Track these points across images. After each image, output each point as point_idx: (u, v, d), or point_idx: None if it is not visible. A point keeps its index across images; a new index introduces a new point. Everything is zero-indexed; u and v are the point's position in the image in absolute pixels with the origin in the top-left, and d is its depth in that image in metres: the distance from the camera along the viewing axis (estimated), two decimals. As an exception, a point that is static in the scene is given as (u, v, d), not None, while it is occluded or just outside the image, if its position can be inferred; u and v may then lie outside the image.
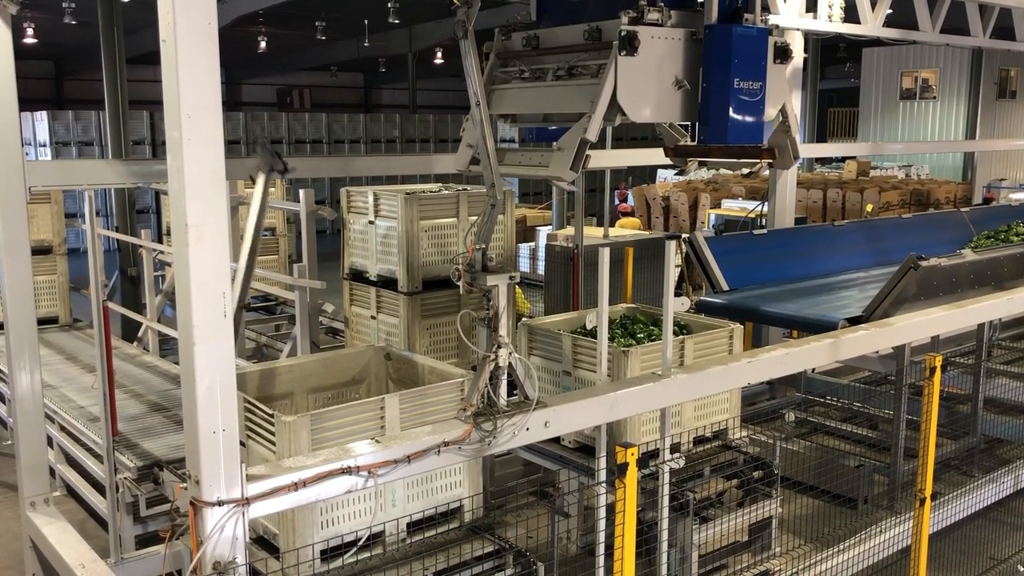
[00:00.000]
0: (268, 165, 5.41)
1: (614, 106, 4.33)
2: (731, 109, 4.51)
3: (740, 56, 4.52)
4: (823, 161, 25.40)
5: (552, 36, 4.87)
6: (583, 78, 4.53)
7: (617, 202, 20.12)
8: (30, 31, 20.68)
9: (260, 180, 5.40)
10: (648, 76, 4.47)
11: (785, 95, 4.90)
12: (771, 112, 4.77)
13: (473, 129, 4.50)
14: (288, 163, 5.53)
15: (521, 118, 5.09)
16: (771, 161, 5.13)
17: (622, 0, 4.83)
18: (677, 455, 5.06)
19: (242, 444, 4.02)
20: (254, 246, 5.17)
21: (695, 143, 4.77)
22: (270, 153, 5.49)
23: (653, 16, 4.47)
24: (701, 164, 5.08)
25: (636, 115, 4.47)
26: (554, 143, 4.53)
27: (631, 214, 19.76)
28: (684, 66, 4.53)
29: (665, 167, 25.15)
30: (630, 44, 4.34)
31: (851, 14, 8.79)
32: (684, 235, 6.91)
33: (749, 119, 4.60)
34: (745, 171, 5.26)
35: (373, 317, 6.63)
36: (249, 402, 4.35)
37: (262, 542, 4.42)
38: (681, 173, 5.03)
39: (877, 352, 6.32)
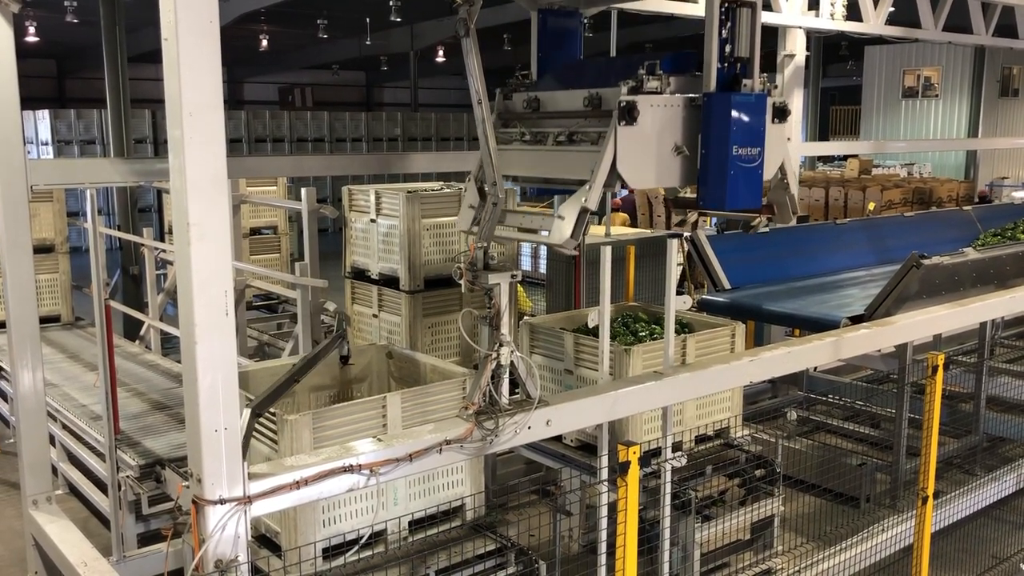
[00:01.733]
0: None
1: (614, 174, 4.41)
2: (730, 176, 4.57)
3: (738, 124, 4.59)
4: (825, 159, 25.37)
5: (552, 100, 4.95)
6: (583, 144, 4.61)
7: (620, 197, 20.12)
8: (32, 30, 20.69)
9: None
10: (647, 144, 4.55)
11: (784, 153, 5.01)
12: (769, 173, 4.87)
13: (474, 189, 4.57)
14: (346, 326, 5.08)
15: (522, 178, 5.16)
16: (769, 217, 5.26)
17: (621, 66, 4.92)
18: (679, 453, 5.06)
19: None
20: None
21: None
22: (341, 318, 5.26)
23: (652, 84, 4.55)
24: (701, 215, 5.11)
25: (636, 183, 4.57)
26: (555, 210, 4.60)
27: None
28: (683, 132, 4.60)
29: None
30: (629, 114, 4.41)
31: (853, 12, 8.79)
32: (686, 233, 6.90)
33: (748, 185, 4.67)
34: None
35: (375, 315, 6.63)
36: (251, 400, 4.34)
37: (264, 540, 4.42)
38: (682, 223, 5.09)
39: (879, 351, 6.33)
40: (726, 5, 4.61)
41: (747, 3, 4.68)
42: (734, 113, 4.55)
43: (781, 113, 4.89)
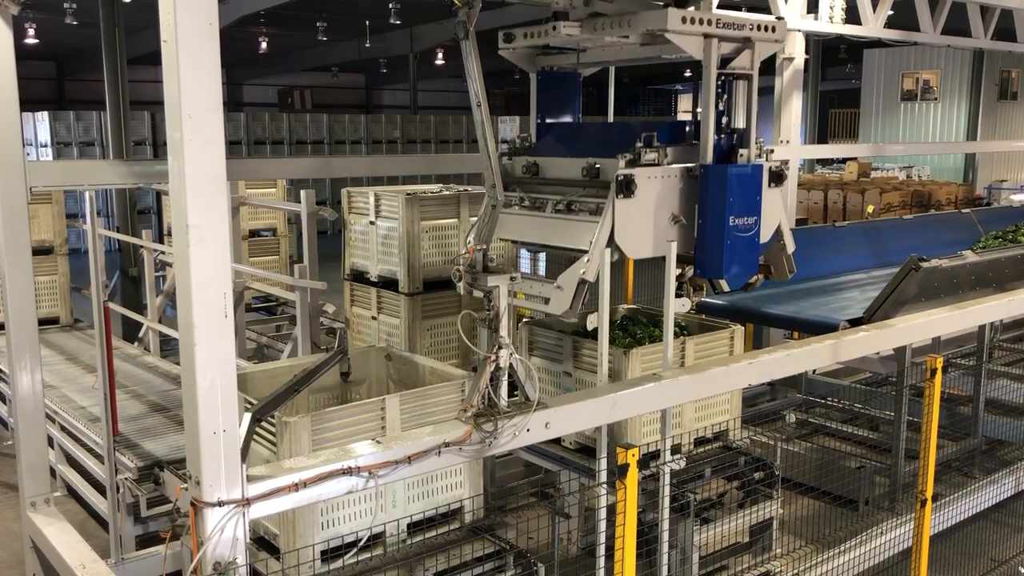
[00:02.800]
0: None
1: (612, 245, 4.51)
2: (727, 246, 4.68)
3: (735, 195, 4.68)
4: (824, 162, 25.40)
5: (551, 166, 5.04)
6: (582, 214, 4.69)
7: None
8: (31, 31, 20.68)
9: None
10: (645, 215, 4.65)
11: (780, 214, 5.13)
12: (766, 236, 5.00)
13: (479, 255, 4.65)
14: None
15: (522, 242, 5.28)
16: (767, 276, 5.39)
17: (619, 132, 4.97)
18: (678, 456, 5.06)
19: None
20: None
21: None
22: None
23: (650, 156, 4.65)
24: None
25: (633, 253, 4.67)
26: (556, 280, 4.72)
27: None
28: (680, 202, 4.69)
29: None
30: (627, 188, 4.52)
31: (852, 15, 8.80)
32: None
33: (745, 253, 4.78)
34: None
35: (374, 318, 6.63)
36: (250, 402, 4.34)
37: (262, 542, 4.42)
38: (680, 278, 5.15)
39: (878, 353, 6.32)
40: (723, 78, 4.68)
41: (743, 75, 4.76)
42: (731, 185, 4.64)
43: (778, 177, 5.02)
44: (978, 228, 9.42)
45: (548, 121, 5.52)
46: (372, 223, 6.51)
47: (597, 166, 4.68)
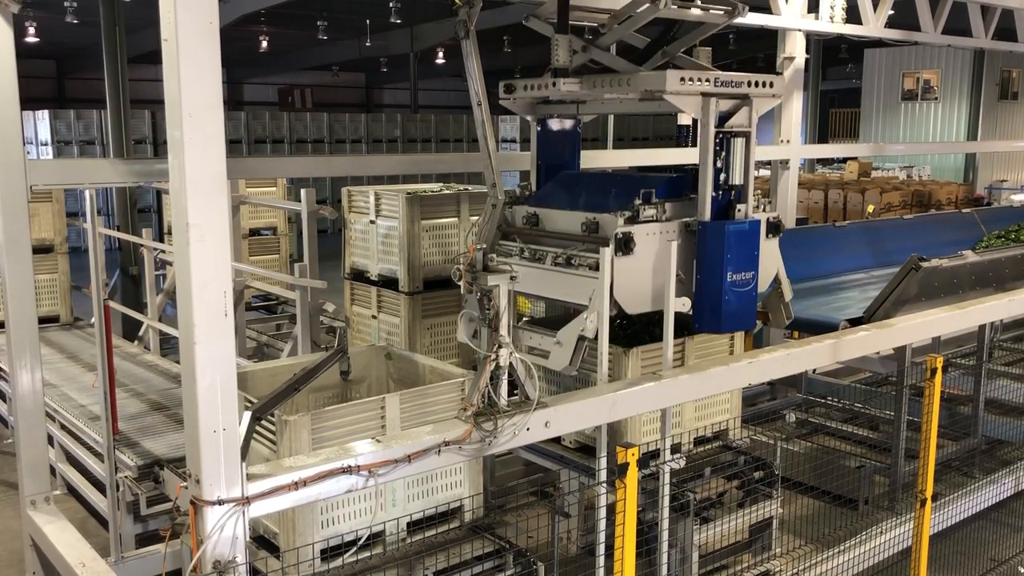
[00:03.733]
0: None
1: (611, 300, 4.56)
2: (724, 302, 4.73)
3: (733, 251, 4.74)
4: (824, 162, 25.39)
5: (551, 219, 5.10)
6: (581, 269, 4.73)
7: None
8: (32, 30, 20.70)
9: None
10: (643, 271, 4.71)
11: (778, 263, 5.20)
12: (764, 286, 5.06)
13: (473, 300, 4.67)
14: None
15: (522, 292, 5.29)
16: (764, 322, 5.45)
17: (618, 184, 5.01)
18: (678, 455, 5.06)
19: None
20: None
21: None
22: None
23: (648, 213, 4.70)
24: None
25: (631, 308, 4.72)
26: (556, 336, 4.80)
27: None
28: (679, 257, 4.70)
29: (667, 168, 25.14)
30: (626, 246, 4.57)
31: (853, 15, 8.79)
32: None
33: (742, 307, 4.82)
34: None
35: (374, 317, 6.63)
36: (250, 401, 4.34)
37: (262, 541, 4.42)
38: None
39: (878, 353, 6.33)
40: (721, 136, 4.71)
41: (741, 133, 4.79)
42: (728, 241, 4.70)
43: (775, 228, 5.08)
44: (980, 228, 9.42)
45: (549, 164, 5.60)
46: (372, 222, 6.51)
47: (596, 222, 4.72)
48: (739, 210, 4.80)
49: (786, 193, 9.25)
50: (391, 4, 19.36)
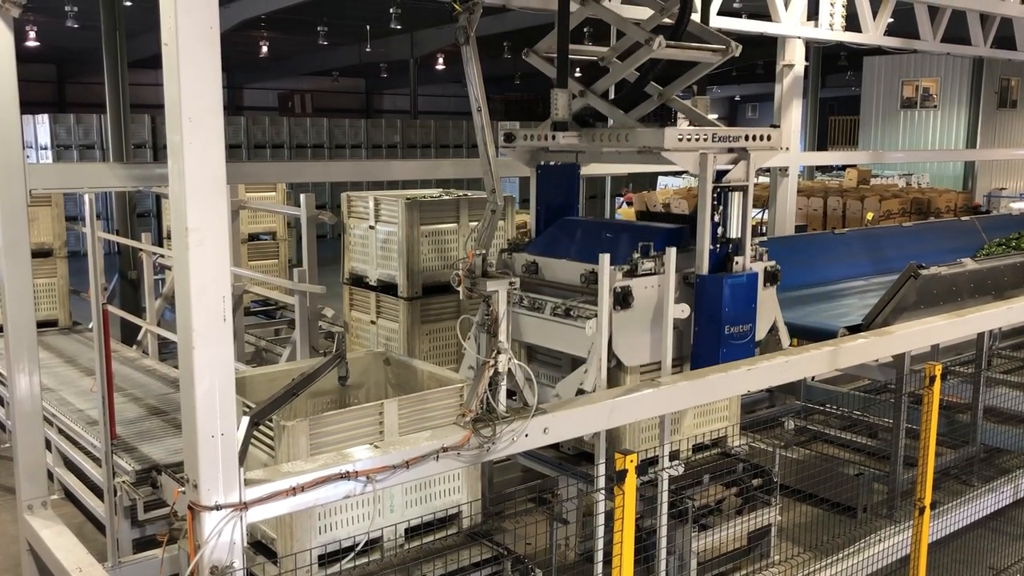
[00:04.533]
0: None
1: (609, 353, 4.60)
2: (722, 354, 4.78)
3: (730, 304, 4.78)
4: (824, 169, 25.44)
5: (550, 268, 5.16)
6: (580, 320, 4.75)
7: (623, 204, 20.70)
8: (32, 34, 20.72)
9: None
10: (642, 324, 4.74)
11: (775, 311, 5.25)
12: (762, 335, 5.09)
13: (473, 346, 4.69)
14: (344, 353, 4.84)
15: (520, 342, 5.34)
16: None
17: (617, 238, 5.04)
18: (676, 462, 5.06)
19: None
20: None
21: None
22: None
23: (647, 266, 4.72)
24: None
25: (630, 360, 4.78)
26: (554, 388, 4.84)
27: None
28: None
29: (666, 174, 25.17)
30: (624, 300, 4.59)
31: (852, 23, 8.82)
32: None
33: (740, 359, 4.84)
34: None
35: (373, 322, 6.63)
36: (248, 406, 4.33)
37: (260, 547, 4.41)
38: None
39: (877, 360, 6.32)
40: (718, 191, 4.74)
41: (738, 187, 4.82)
42: (726, 295, 4.74)
43: (772, 277, 5.13)
44: (982, 235, 9.43)
45: (549, 206, 5.61)
46: (372, 227, 6.51)
47: (596, 273, 4.74)
48: (737, 262, 4.85)
49: (785, 200, 9.27)
50: (391, 10, 19.39)
